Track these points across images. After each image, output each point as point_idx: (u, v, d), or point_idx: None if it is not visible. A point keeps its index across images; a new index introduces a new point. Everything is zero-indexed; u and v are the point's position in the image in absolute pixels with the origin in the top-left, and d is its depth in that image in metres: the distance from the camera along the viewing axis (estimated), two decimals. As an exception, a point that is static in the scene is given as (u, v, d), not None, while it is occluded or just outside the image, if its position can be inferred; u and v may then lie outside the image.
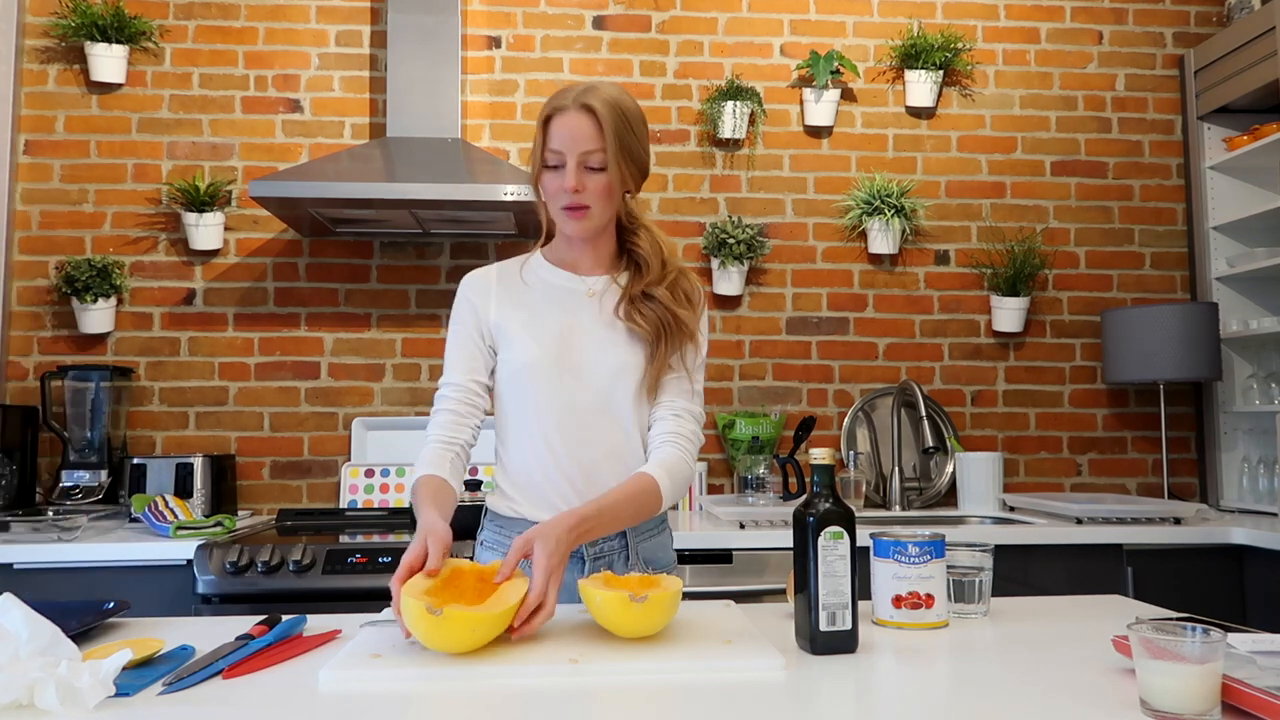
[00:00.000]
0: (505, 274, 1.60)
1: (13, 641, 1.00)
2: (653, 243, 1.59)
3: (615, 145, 1.47)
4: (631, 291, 1.53)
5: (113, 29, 2.89)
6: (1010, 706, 0.96)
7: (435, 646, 1.10)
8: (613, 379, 1.51)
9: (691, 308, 1.56)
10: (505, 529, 1.54)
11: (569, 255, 1.59)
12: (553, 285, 1.57)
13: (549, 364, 1.50)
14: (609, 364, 1.51)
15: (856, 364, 3.11)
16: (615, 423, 1.52)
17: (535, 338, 1.51)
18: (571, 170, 1.46)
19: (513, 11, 3.09)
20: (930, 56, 3.09)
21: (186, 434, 2.92)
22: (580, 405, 1.50)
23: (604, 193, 1.49)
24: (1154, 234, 3.21)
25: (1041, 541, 2.38)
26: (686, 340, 1.54)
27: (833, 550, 1.17)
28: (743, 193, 3.11)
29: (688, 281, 1.59)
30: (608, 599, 1.14)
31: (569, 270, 1.58)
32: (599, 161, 1.47)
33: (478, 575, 1.24)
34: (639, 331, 1.51)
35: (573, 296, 1.56)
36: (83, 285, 2.81)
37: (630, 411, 1.52)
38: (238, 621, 1.32)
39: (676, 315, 1.52)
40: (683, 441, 1.55)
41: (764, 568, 2.31)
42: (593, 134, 1.46)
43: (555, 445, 1.50)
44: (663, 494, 1.49)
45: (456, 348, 1.56)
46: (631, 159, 1.52)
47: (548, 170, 1.49)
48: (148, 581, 2.23)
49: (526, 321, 1.53)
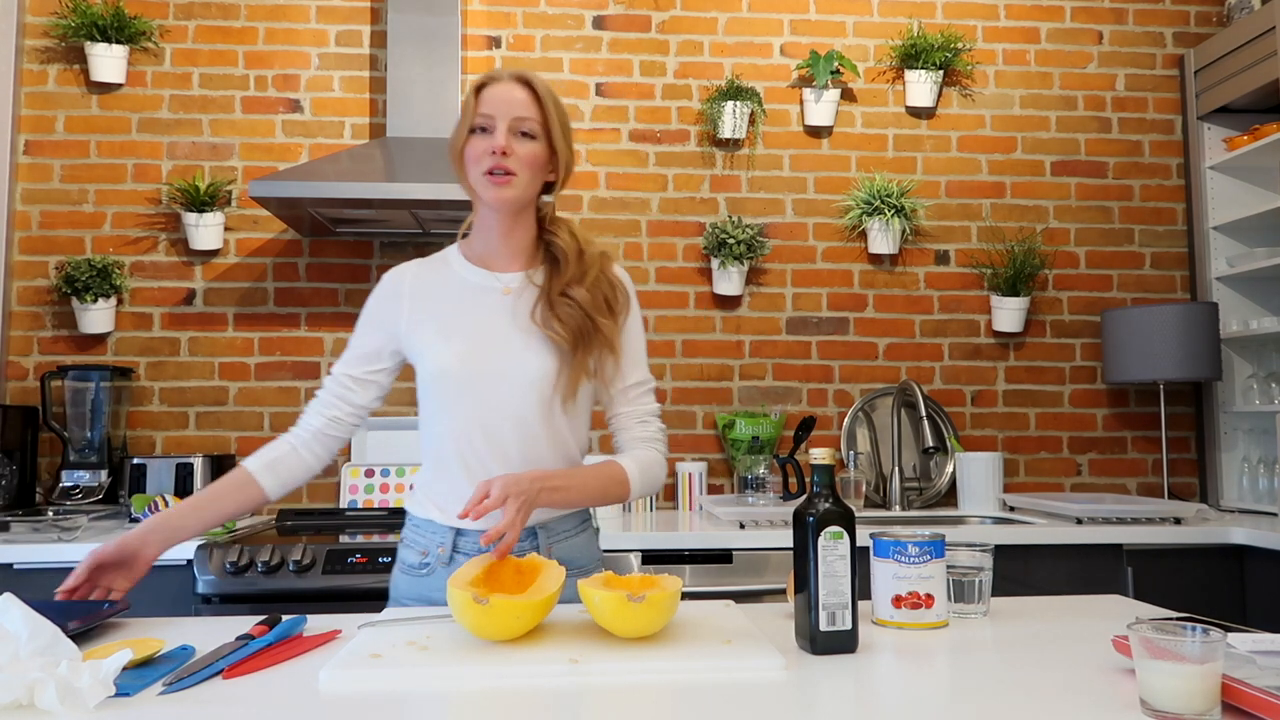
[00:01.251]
0: (420, 275, 1.56)
1: (13, 641, 1.00)
2: (571, 235, 1.54)
3: (556, 120, 1.47)
4: (550, 293, 1.48)
5: (113, 29, 2.89)
6: (1010, 706, 0.96)
7: (482, 635, 1.14)
8: (529, 387, 1.47)
9: (612, 315, 1.51)
10: (419, 530, 1.54)
11: (485, 250, 1.54)
12: (468, 284, 1.53)
13: (463, 372, 1.46)
14: (525, 371, 1.47)
15: (856, 364, 3.11)
16: (531, 430, 1.48)
17: (450, 343, 1.48)
18: (502, 132, 1.43)
19: (513, 11, 3.09)
20: (930, 56, 3.09)
21: (186, 434, 2.92)
22: (496, 413, 1.47)
23: (532, 162, 1.46)
24: (1154, 234, 3.21)
25: (1041, 541, 2.38)
26: (605, 349, 1.50)
27: (833, 550, 1.17)
28: (743, 193, 3.11)
29: (608, 283, 1.53)
30: (606, 599, 1.14)
31: (485, 267, 1.53)
32: (532, 129, 1.45)
33: (515, 567, 1.27)
34: (556, 340, 1.47)
35: (489, 296, 1.51)
36: (83, 285, 2.81)
37: (546, 419, 1.48)
38: (238, 621, 1.32)
39: (596, 323, 1.48)
40: (657, 445, 1.55)
41: (764, 568, 2.31)
42: (528, 102, 1.45)
43: (469, 452, 1.48)
44: (630, 488, 1.49)
45: (355, 338, 1.58)
46: (562, 140, 1.50)
47: (474, 135, 1.45)
48: (148, 581, 2.18)
49: (440, 327, 1.50)
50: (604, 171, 3.08)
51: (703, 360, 3.06)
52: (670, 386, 3.05)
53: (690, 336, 3.06)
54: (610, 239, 3.06)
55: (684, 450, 3.04)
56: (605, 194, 3.07)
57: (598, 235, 3.05)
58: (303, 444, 1.54)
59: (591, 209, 3.07)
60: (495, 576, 1.24)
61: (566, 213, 3.04)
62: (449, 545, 1.49)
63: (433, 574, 1.50)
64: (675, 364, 3.06)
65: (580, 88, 3.10)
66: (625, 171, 3.08)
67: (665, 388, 3.05)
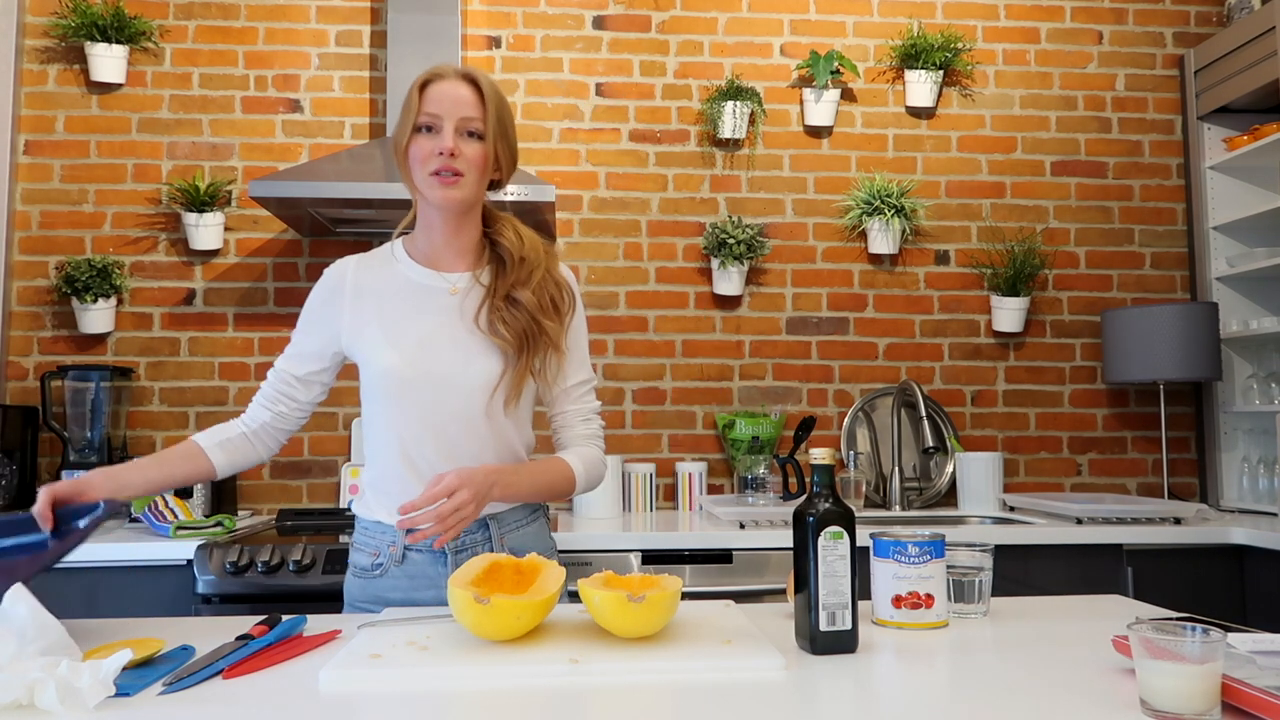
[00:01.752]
0: (363, 271, 1.54)
1: (14, 641, 1.00)
2: (516, 234, 1.53)
3: (494, 119, 1.46)
4: (495, 295, 1.48)
5: (113, 29, 2.89)
6: (1010, 706, 0.96)
7: (482, 634, 1.14)
8: (475, 390, 1.46)
9: (558, 316, 1.51)
10: (369, 531, 1.54)
11: (430, 249, 1.53)
12: (413, 284, 1.51)
13: (408, 374, 1.45)
14: (471, 374, 1.46)
15: (856, 364, 3.11)
16: (478, 430, 1.48)
17: (393, 345, 1.47)
18: (449, 132, 1.43)
19: (513, 11, 3.09)
20: (930, 56, 3.09)
21: (186, 434, 2.92)
22: (440, 416, 1.46)
23: (479, 163, 1.45)
24: (1154, 234, 3.21)
25: (1041, 541, 2.38)
26: (551, 350, 1.50)
27: (833, 550, 1.17)
28: (743, 193, 3.11)
29: (554, 283, 1.53)
30: (606, 599, 1.14)
31: (431, 267, 1.52)
32: (478, 129, 1.45)
33: (515, 568, 1.27)
34: (500, 344, 1.46)
35: (434, 297, 1.50)
36: (83, 285, 2.81)
37: (484, 421, 1.48)
38: (238, 621, 1.32)
39: (541, 325, 1.47)
40: (597, 442, 1.57)
41: (764, 568, 2.31)
42: (474, 102, 1.45)
43: (414, 455, 1.48)
44: (576, 484, 1.50)
45: (298, 333, 1.58)
46: (505, 141, 1.49)
47: (419, 134, 1.44)
48: (148, 581, 2.23)
49: (384, 328, 1.48)
50: (604, 171, 3.08)
51: (703, 360, 3.06)
52: (670, 386, 3.05)
53: (690, 336, 3.06)
54: (610, 239, 3.06)
55: (684, 450, 3.04)
56: (605, 194, 3.07)
57: (598, 235, 3.05)
58: (253, 434, 1.55)
59: (591, 209, 3.07)
60: (495, 576, 1.25)
61: (567, 214, 3.04)
62: (400, 545, 1.50)
63: (386, 574, 1.50)
64: (675, 364, 3.06)
65: (580, 88, 3.10)
66: (625, 171, 3.08)
67: (665, 388, 3.05)
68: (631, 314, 3.04)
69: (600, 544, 2.30)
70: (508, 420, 1.50)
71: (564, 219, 3.04)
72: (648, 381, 3.04)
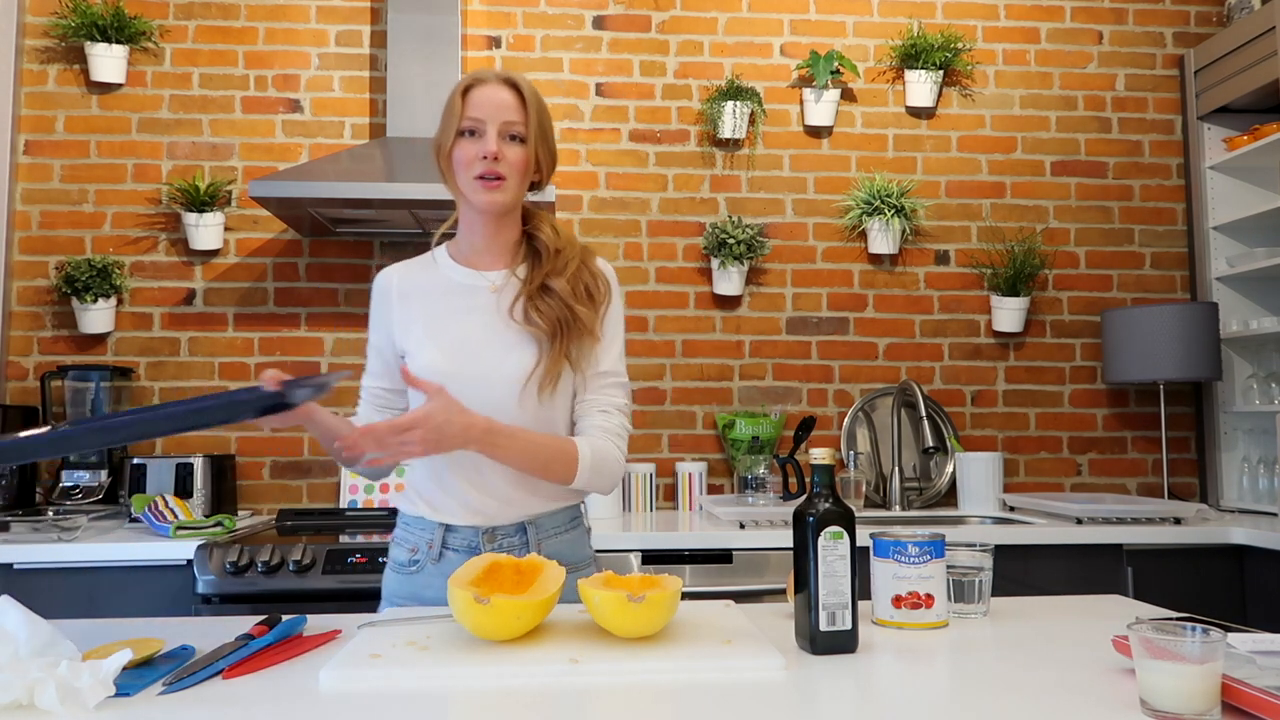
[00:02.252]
0: (408, 275, 1.59)
1: (13, 641, 0.99)
2: (552, 228, 1.56)
3: (536, 122, 1.48)
4: (530, 286, 1.50)
5: (113, 29, 2.89)
6: (1010, 706, 0.96)
7: (482, 634, 1.14)
8: (512, 381, 1.48)
9: (592, 304, 1.52)
10: (408, 527, 1.55)
11: (471, 250, 1.56)
12: (455, 284, 1.55)
13: (446, 369, 1.47)
14: (508, 367, 1.48)
15: (856, 364, 3.11)
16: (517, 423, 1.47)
17: (436, 343, 1.50)
18: (492, 136, 1.45)
19: (513, 11, 3.09)
20: (930, 56, 3.09)
21: (186, 434, 2.92)
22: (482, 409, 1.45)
23: (521, 166, 1.48)
24: (1154, 234, 3.21)
25: (1041, 541, 2.38)
26: (585, 336, 1.51)
27: (833, 550, 1.17)
28: (743, 193, 3.11)
29: (590, 274, 1.54)
30: (606, 599, 1.14)
31: (471, 267, 1.56)
32: (520, 132, 1.47)
33: (515, 568, 1.27)
34: (534, 332, 1.48)
35: (475, 295, 1.53)
36: (83, 285, 2.81)
37: (531, 414, 1.49)
38: (238, 621, 1.32)
39: (574, 311, 1.49)
40: (613, 438, 1.52)
41: (764, 568, 2.31)
42: (516, 106, 1.47)
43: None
44: (579, 469, 1.46)
45: (369, 349, 1.62)
46: (546, 145, 1.52)
47: (462, 138, 1.47)
48: (148, 581, 2.23)
49: (428, 326, 1.52)
50: (604, 171, 3.08)
51: (703, 360, 3.06)
52: (670, 386, 3.05)
53: (690, 336, 3.06)
54: (610, 239, 3.06)
55: (684, 450, 3.04)
56: (605, 194, 3.07)
57: (598, 235, 3.05)
58: None
59: (591, 209, 3.07)
60: (495, 576, 1.25)
61: (567, 214, 3.04)
62: (438, 542, 1.51)
63: (422, 571, 1.51)
64: (675, 364, 3.06)
65: (580, 88, 3.09)
66: (625, 171, 3.08)
67: (665, 388, 3.05)
68: (631, 314, 3.04)
69: (600, 544, 2.30)
70: (546, 410, 1.51)
71: (564, 219, 3.04)
72: (648, 381, 3.04)
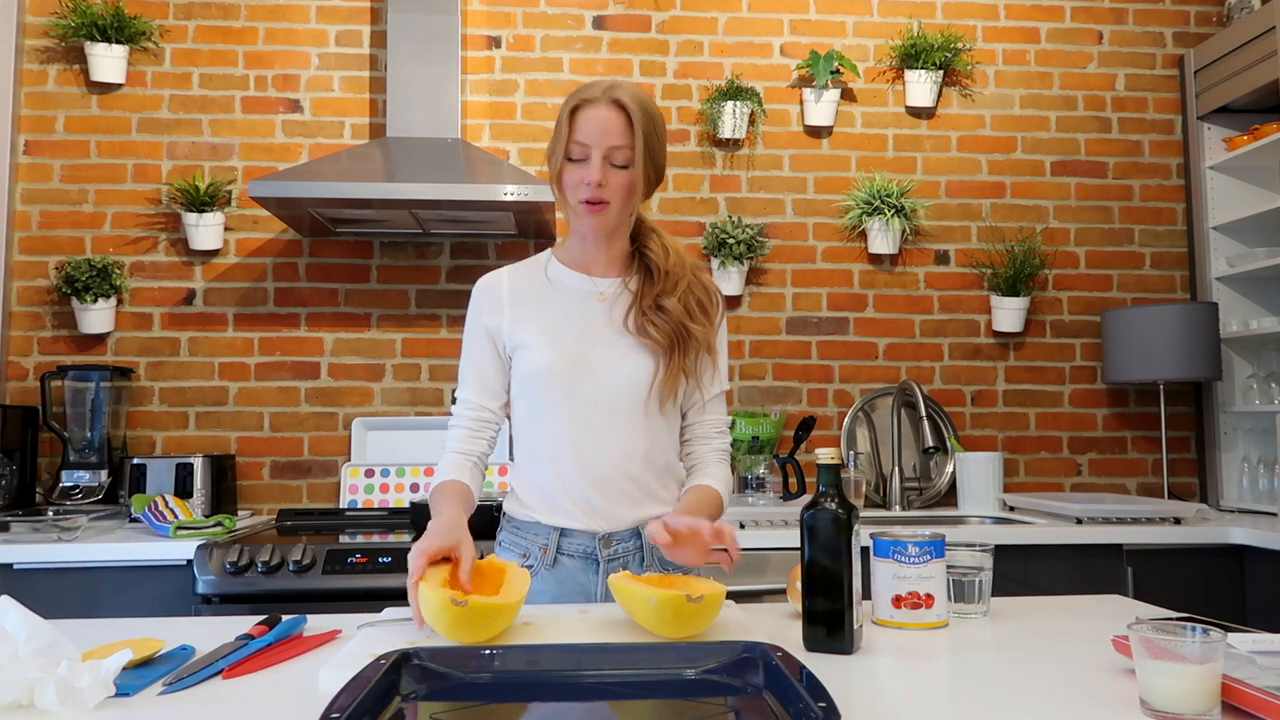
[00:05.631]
0: (517, 278, 1.59)
1: (12, 641, 0.99)
2: (663, 248, 1.57)
3: (642, 144, 1.48)
4: (643, 301, 1.52)
5: (113, 29, 2.89)
6: (1010, 706, 0.96)
7: (457, 637, 1.12)
8: (625, 387, 1.50)
9: (707, 319, 1.55)
10: (520, 531, 1.56)
11: (583, 256, 1.58)
12: (567, 288, 1.56)
13: (566, 369, 1.49)
14: (623, 371, 1.50)
15: (856, 364, 3.11)
16: (625, 430, 1.51)
17: (552, 343, 1.51)
18: (596, 164, 1.46)
19: (513, 11, 3.09)
20: (930, 56, 3.09)
21: (186, 434, 2.92)
22: (594, 411, 1.50)
23: (626, 190, 1.49)
24: (1154, 234, 3.21)
25: (1041, 541, 2.38)
26: (702, 350, 1.54)
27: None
28: (743, 193, 3.11)
29: (701, 287, 1.57)
30: (664, 599, 1.13)
31: (582, 272, 1.57)
32: (624, 159, 1.47)
33: (478, 570, 1.26)
34: (649, 344, 1.51)
35: (586, 300, 1.55)
36: (83, 285, 2.81)
37: (641, 420, 1.51)
38: (238, 621, 1.32)
39: (689, 329, 1.51)
40: (727, 460, 1.61)
41: (764, 568, 2.31)
42: (622, 129, 1.47)
43: (567, 451, 1.50)
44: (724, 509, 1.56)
45: (467, 361, 1.58)
46: (653, 161, 1.52)
47: (570, 163, 1.49)
48: (148, 581, 2.23)
49: (543, 327, 1.53)
50: (604, 171, 3.07)
51: (703, 360, 3.06)
52: (670, 386, 3.04)
53: (690, 336, 3.06)
54: (610, 239, 3.06)
55: (684, 450, 3.03)
56: (605, 194, 3.07)
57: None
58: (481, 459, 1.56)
59: (591, 209, 3.06)
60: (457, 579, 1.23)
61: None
62: (553, 547, 1.52)
63: (535, 575, 1.51)
64: (675, 364, 3.05)
65: (580, 88, 3.09)
66: (625, 171, 3.08)
67: (665, 388, 3.04)
68: (631, 314, 3.03)
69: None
70: (663, 420, 1.54)
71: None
72: (648, 381, 3.04)
